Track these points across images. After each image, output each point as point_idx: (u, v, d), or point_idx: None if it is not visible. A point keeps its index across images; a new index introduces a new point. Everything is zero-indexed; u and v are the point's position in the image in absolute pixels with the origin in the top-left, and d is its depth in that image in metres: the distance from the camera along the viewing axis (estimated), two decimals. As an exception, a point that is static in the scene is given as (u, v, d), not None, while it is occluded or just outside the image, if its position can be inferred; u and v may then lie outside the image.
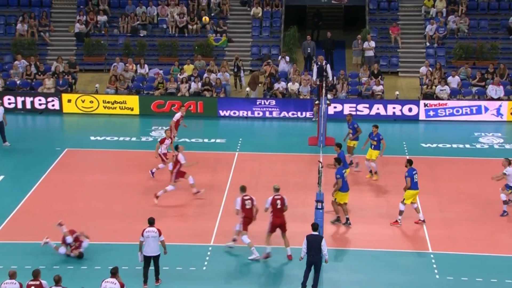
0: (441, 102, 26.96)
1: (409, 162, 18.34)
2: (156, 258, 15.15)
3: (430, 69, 28.87)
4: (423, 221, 18.32)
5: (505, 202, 18.69)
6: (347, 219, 18.18)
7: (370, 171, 21.10)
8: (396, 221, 18.24)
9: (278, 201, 16.43)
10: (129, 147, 24.32)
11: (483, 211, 18.84)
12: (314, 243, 14.84)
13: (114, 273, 13.68)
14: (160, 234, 15.07)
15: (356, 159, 21.57)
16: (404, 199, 18.11)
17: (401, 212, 18.16)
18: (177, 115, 23.15)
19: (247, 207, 16.57)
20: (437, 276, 15.89)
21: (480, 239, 17.61)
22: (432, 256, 16.75)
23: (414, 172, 18.12)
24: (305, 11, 37.55)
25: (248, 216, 16.58)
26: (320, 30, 35.42)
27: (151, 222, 15.21)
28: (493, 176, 19.14)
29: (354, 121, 21.71)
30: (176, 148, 19.93)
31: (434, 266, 16.30)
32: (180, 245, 17.21)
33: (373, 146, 21.05)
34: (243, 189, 16.80)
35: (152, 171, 21.28)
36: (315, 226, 15.17)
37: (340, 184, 17.85)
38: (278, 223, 16.42)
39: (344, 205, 18.18)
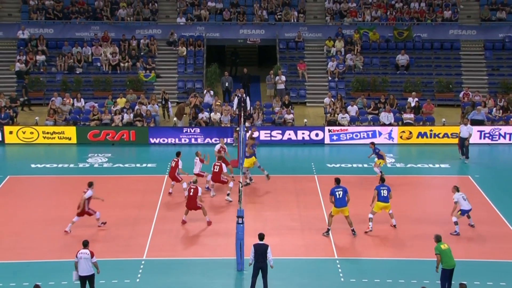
0: (342, 128, 27.65)
1: (381, 179, 19.00)
2: (90, 278, 14.65)
3: (333, 99, 29.62)
4: (395, 226, 18.59)
5: (456, 223, 18.39)
6: (353, 230, 18.25)
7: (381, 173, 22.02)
8: (368, 227, 18.38)
9: (192, 190, 18.22)
10: (67, 173, 23.65)
11: (381, 223, 19.31)
12: (260, 251, 14.86)
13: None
14: (92, 256, 14.61)
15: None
16: (372, 209, 18.42)
17: (370, 219, 18.36)
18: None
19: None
20: (342, 279, 16.14)
21: (384, 245, 17.94)
22: (337, 261, 17.00)
23: (381, 188, 18.43)
24: (224, 50, 37.87)
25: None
26: (237, 67, 35.76)
27: (85, 244, 14.77)
28: (452, 212, 18.53)
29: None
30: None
31: (340, 270, 16.56)
32: (115, 260, 16.79)
33: (376, 158, 22.37)
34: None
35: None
36: (261, 236, 15.21)
37: (333, 201, 18.04)
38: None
39: (346, 218, 18.18)
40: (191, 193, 18.39)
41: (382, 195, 18.41)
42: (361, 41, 34.16)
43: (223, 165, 21.00)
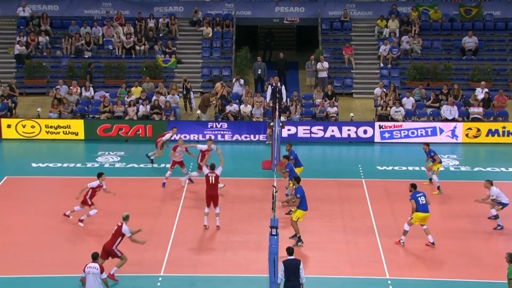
0: (396, 123, 27.50)
1: (413, 186, 18.69)
2: None
3: (385, 90, 29.47)
4: (433, 243, 18.50)
5: (496, 217, 19.36)
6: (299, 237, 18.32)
7: (438, 187, 21.78)
8: (399, 241, 18.48)
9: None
10: (74, 174, 24.01)
11: (443, 236, 19.16)
12: (292, 268, 14.85)
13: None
14: (102, 271, 14.78)
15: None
16: (411, 218, 18.37)
17: (405, 232, 18.40)
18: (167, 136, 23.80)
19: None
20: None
21: (439, 265, 17.88)
22: (389, 282, 16.94)
23: (418, 195, 18.34)
24: (257, 32, 37.97)
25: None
26: (272, 51, 35.84)
27: (94, 257, 14.96)
28: (478, 199, 19.67)
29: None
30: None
31: (392, 292, 16.52)
32: (128, 276, 17.01)
33: (431, 161, 22.03)
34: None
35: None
36: (290, 250, 15.15)
37: (297, 203, 18.07)
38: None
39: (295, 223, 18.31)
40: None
41: (421, 203, 18.26)
42: (419, 21, 33.86)
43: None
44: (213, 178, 19.48)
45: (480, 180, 23.37)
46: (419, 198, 18.28)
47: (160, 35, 33.98)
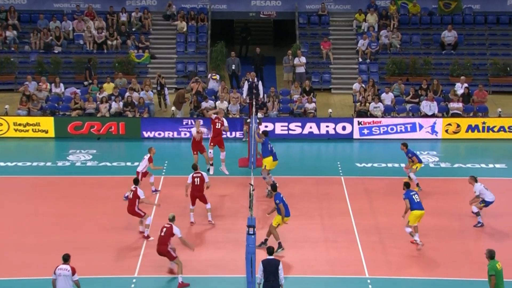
0: (375, 119, 27.63)
1: (406, 185, 18.73)
2: None
3: (363, 85, 29.59)
4: (419, 243, 18.51)
5: (477, 214, 19.49)
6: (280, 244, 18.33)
7: (417, 184, 21.69)
8: (415, 241, 18.39)
9: (165, 229, 16.89)
10: (43, 173, 23.80)
11: (422, 234, 19.29)
12: (271, 268, 14.85)
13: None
14: (73, 273, 14.65)
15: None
16: (408, 222, 18.30)
17: (411, 234, 18.38)
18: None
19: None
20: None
21: (418, 263, 17.99)
22: (369, 281, 17.03)
23: (411, 193, 18.38)
24: (233, 26, 37.91)
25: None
26: (248, 46, 35.81)
27: (65, 258, 14.83)
28: (470, 200, 19.69)
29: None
30: None
31: (372, 291, 16.62)
32: (101, 278, 16.91)
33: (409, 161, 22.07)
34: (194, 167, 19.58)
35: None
36: (270, 250, 15.16)
37: (283, 209, 17.98)
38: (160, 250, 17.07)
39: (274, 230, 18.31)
40: (162, 233, 16.87)
41: (416, 201, 18.38)
42: (398, 14, 34.05)
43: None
44: (198, 180, 19.48)
45: (460, 176, 23.67)
46: (413, 196, 18.36)
47: (133, 29, 33.79)
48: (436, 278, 17.15)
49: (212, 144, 22.68)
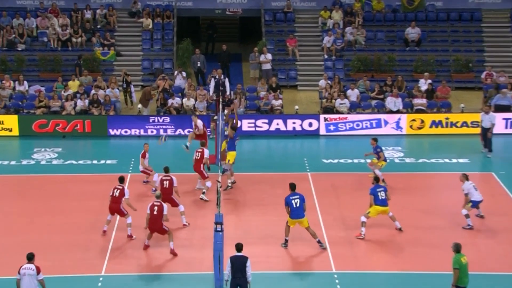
0: (341, 116, 27.76)
1: (376, 179, 18.95)
2: None
3: (329, 82, 29.71)
4: (400, 229, 18.86)
5: (467, 216, 19.21)
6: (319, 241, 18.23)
7: (383, 180, 21.53)
8: (360, 233, 18.61)
9: (156, 207, 17.60)
10: (8, 172, 23.47)
11: (386, 228, 19.44)
12: (238, 264, 14.82)
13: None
14: (38, 272, 14.44)
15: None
16: (368, 212, 18.55)
17: (363, 224, 18.56)
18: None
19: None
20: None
21: (383, 257, 18.12)
22: (335, 276, 17.09)
23: (378, 189, 18.59)
24: (199, 23, 37.76)
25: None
26: (215, 43, 35.71)
27: (30, 257, 14.61)
28: (464, 206, 19.39)
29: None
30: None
31: (338, 286, 16.64)
32: (67, 277, 16.71)
33: (375, 157, 22.17)
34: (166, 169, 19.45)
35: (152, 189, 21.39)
36: (239, 247, 15.15)
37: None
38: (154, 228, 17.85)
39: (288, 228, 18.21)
40: (155, 212, 17.62)
41: (380, 198, 18.61)
42: (363, 12, 34.25)
43: (205, 151, 21.28)
44: (167, 183, 19.30)
45: (424, 171, 23.92)
46: (378, 193, 18.57)
47: (98, 26, 33.45)
48: (402, 272, 17.29)
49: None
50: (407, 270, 17.40)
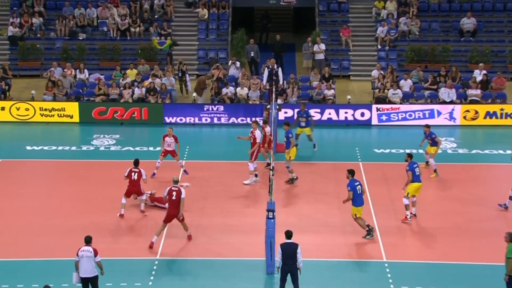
0: (393, 106, 27.45)
1: (410, 156, 18.90)
2: (92, 280, 14.76)
3: (382, 72, 29.38)
4: (414, 215, 18.83)
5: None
6: (368, 230, 18.04)
7: (435, 170, 21.68)
8: (406, 217, 18.66)
9: (174, 193, 17.33)
10: (68, 157, 23.96)
11: (439, 218, 19.19)
12: (289, 251, 14.83)
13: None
14: (96, 254, 14.72)
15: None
16: (408, 194, 18.54)
17: (407, 207, 18.59)
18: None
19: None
20: (392, 286, 16.12)
21: (435, 247, 17.91)
22: (386, 265, 16.98)
23: (415, 165, 18.62)
24: (253, 13, 37.76)
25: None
26: (269, 33, 35.66)
27: (88, 240, 14.91)
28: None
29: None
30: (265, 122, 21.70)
31: (389, 275, 16.53)
32: (123, 260, 17.01)
33: (429, 144, 22.07)
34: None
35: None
36: (289, 234, 15.11)
37: (351, 197, 17.83)
38: (173, 214, 17.46)
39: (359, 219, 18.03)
40: (173, 197, 17.41)
41: (417, 173, 18.54)
42: (417, 2, 33.69)
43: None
44: (136, 175, 19.23)
45: (478, 163, 23.47)
46: (415, 169, 18.54)
47: (156, 16, 33.77)
48: (451, 263, 17.05)
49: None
50: (458, 261, 17.13)
